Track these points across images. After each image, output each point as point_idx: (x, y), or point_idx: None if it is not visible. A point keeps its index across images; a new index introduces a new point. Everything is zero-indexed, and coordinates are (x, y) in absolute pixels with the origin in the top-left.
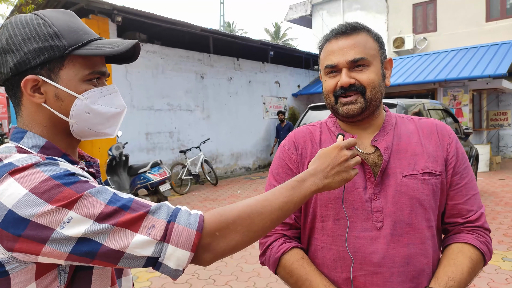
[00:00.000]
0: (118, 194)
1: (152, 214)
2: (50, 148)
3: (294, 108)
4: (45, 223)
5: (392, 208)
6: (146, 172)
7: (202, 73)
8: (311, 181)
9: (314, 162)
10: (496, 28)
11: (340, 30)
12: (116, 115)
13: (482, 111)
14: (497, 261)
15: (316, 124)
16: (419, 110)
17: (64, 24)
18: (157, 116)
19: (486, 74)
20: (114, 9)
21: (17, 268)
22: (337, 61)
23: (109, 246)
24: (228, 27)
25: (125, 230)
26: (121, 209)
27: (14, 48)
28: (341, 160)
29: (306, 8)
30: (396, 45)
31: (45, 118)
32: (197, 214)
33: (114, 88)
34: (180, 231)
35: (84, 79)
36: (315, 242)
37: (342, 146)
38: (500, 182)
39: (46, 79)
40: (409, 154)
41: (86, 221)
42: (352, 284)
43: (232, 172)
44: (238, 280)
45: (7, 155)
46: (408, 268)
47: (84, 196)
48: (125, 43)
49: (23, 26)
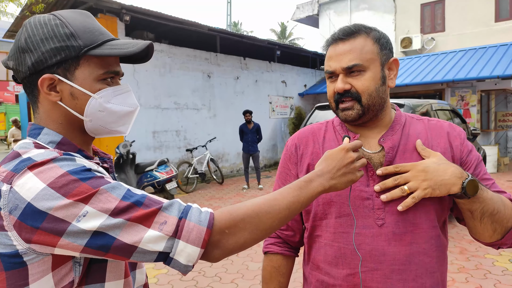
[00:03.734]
0: (131, 190)
1: (164, 210)
2: (66, 144)
3: (300, 108)
4: (62, 217)
5: (395, 206)
6: (153, 170)
7: (209, 72)
8: (318, 182)
9: (321, 163)
10: (505, 29)
11: (337, 36)
12: (129, 114)
13: (490, 112)
14: (504, 263)
15: (322, 123)
16: (427, 111)
17: (80, 25)
18: (164, 115)
19: (495, 75)
20: (122, 8)
21: (35, 259)
22: (334, 67)
23: (122, 240)
24: (235, 26)
25: (138, 225)
26: (135, 205)
27: (32, 47)
28: (347, 162)
29: (313, 7)
30: (403, 45)
31: (61, 116)
32: (207, 212)
33: (127, 87)
34: (191, 228)
35: (98, 78)
36: (318, 240)
37: (348, 148)
38: (508, 184)
39: (62, 78)
40: (416, 154)
41: (101, 215)
42: (352, 280)
43: (238, 171)
44: (244, 278)
45: (25, 150)
46: (410, 267)
47: (100, 191)
48: (139, 44)
49: (41, 27)
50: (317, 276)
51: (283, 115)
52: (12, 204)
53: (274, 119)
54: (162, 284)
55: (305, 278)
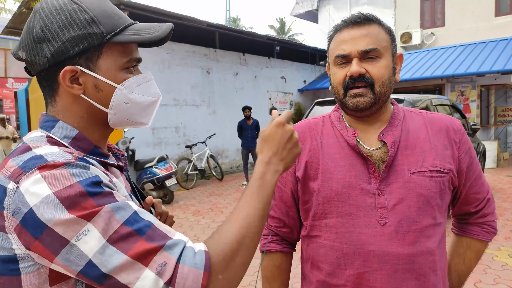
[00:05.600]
0: (138, 214)
1: (167, 250)
2: (81, 139)
3: (300, 104)
4: (61, 233)
5: (398, 205)
6: (153, 166)
7: (208, 68)
8: (270, 171)
9: (262, 147)
10: (505, 23)
11: (353, 19)
12: (152, 104)
13: (490, 107)
14: (504, 258)
15: (319, 117)
16: (427, 106)
17: (98, 9)
18: (164, 111)
19: (495, 70)
20: (121, 3)
21: (30, 268)
22: (349, 50)
23: (116, 278)
24: (234, 22)
25: (136, 262)
26: (136, 233)
27: (50, 36)
28: (288, 137)
29: (313, 2)
30: (403, 40)
31: (83, 109)
32: (202, 251)
33: (149, 75)
34: (186, 273)
35: (122, 67)
36: (317, 240)
37: (283, 121)
38: (508, 179)
39: (85, 69)
40: (417, 151)
41: (100, 238)
42: (355, 281)
43: (238, 167)
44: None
45: (37, 145)
46: (414, 266)
47: (105, 209)
48: (163, 28)
49: (58, 13)
50: (318, 277)
51: (283, 111)
52: (15, 206)
53: None
54: None
55: (305, 276)
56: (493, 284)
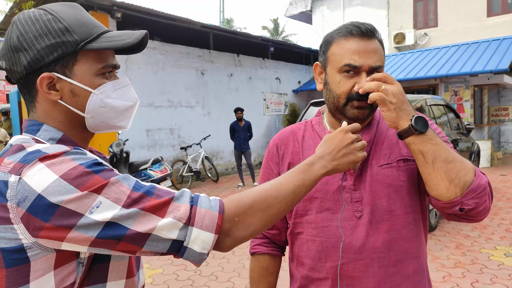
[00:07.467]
0: (140, 182)
1: (176, 200)
2: (66, 141)
3: (294, 105)
4: (74, 209)
5: (370, 197)
6: (147, 169)
7: (202, 69)
8: (319, 164)
9: (321, 146)
10: (497, 23)
11: (364, 30)
12: (129, 108)
13: (483, 107)
14: (500, 257)
15: (302, 123)
16: (421, 106)
17: (73, 18)
18: (158, 113)
19: (488, 70)
20: (113, 5)
21: (39, 255)
22: (361, 63)
23: (136, 230)
24: (228, 23)
25: (152, 215)
26: (146, 195)
27: (26, 45)
28: (347, 143)
29: (306, 3)
30: (397, 40)
31: (61, 114)
32: (216, 199)
33: (126, 81)
34: (203, 214)
35: (97, 73)
36: (300, 236)
37: (347, 129)
38: (502, 178)
39: (61, 75)
40: (385, 145)
41: (114, 206)
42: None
43: (233, 168)
44: (240, 277)
45: (29, 144)
46: (389, 253)
47: (112, 181)
48: (136, 35)
49: (33, 23)
50: (302, 272)
51: (278, 112)
52: (20, 195)
53: (269, 116)
54: (157, 284)
55: (292, 275)
56: (490, 283)
